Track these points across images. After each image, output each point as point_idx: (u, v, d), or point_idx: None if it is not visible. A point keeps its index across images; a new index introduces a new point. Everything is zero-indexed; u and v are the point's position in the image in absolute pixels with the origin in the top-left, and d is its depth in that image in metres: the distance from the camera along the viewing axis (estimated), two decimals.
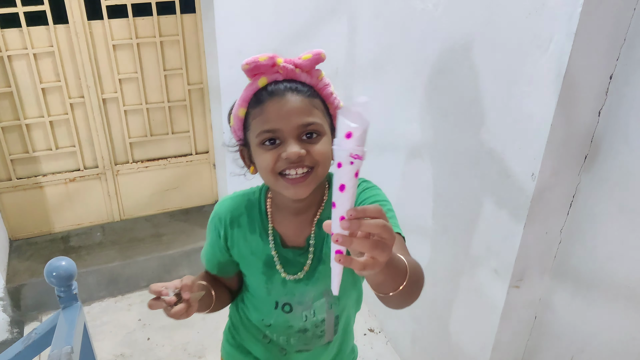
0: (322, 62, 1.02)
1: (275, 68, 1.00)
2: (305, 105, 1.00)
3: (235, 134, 1.09)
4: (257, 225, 1.16)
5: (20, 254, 2.82)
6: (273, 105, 0.99)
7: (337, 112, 0.90)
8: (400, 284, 0.86)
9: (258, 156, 1.02)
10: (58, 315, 1.38)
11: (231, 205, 1.17)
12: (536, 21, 1.25)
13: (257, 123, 1.01)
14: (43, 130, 2.73)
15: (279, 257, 1.14)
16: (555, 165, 1.30)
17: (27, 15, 2.47)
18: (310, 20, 2.39)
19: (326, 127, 1.03)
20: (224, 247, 1.18)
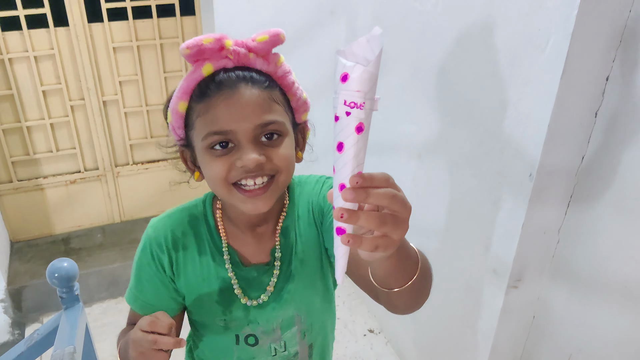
0: (280, 44, 0.84)
1: (223, 52, 0.81)
2: (262, 100, 0.82)
3: (174, 132, 0.90)
4: (206, 245, 0.96)
5: (21, 255, 2.82)
6: (222, 100, 0.80)
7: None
8: (411, 277, 0.74)
9: (205, 163, 0.85)
10: (60, 316, 1.39)
11: (170, 223, 0.97)
12: (533, 22, 1.26)
13: (202, 122, 0.82)
14: (44, 132, 2.74)
15: (238, 278, 0.96)
16: (553, 166, 1.31)
17: (28, 18, 2.48)
18: (309, 23, 2.40)
19: (288, 126, 0.86)
20: (169, 279, 0.96)
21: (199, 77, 0.83)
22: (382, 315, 2.50)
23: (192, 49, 0.79)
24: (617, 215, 1.25)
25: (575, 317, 1.42)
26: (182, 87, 0.84)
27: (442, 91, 1.66)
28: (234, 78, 0.81)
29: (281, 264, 0.97)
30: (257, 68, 0.84)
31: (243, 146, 0.81)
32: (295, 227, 0.98)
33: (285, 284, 0.97)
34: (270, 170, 0.83)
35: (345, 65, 0.55)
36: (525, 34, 1.28)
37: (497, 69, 1.40)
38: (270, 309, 0.97)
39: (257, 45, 0.82)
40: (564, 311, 1.45)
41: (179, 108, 0.86)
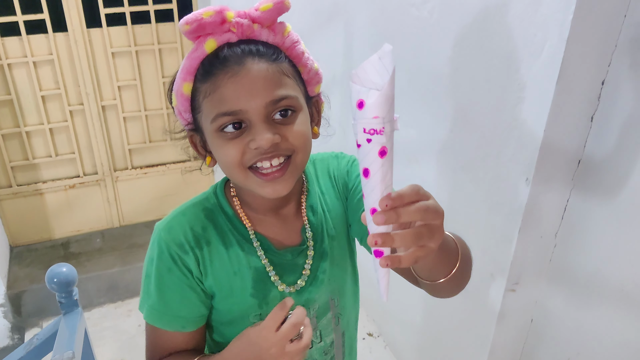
0: (286, 11, 0.78)
1: (225, 26, 0.75)
2: (272, 74, 0.76)
3: (181, 116, 0.84)
4: (230, 236, 0.89)
5: (21, 260, 2.83)
6: (229, 77, 0.74)
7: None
8: (453, 267, 0.74)
9: (217, 147, 0.79)
10: (59, 321, 1.40)
11: (186, 221, 0.88)
12: (529, 28, 1.26)
13: (210, 103, 0.77)
14: (43, 137, 2.75)
15: (273, 265, 0.89)
16: (549, 170, 1.32)
17: (27, 23, 2.49)
18: (307, 28, 2.41)
19: (301, 100, 0.81)
20: (197, 281, 0.87)
21: (202, 55, 0.77)
22: (381, 319, 2.50)
23: (192, 24, 0.73)
24: (614, 219, 1.26)
25: (573, 320, 1.42)
26: (185, 67, 0.78)
27: (439, 96, 1.67)
28: (239, 53, 0.75)
29: (315, 243, 0.92)
30: (263, 40, 0.78)
31: (255, 126, 0.75)
32: (322, 203, 0.94)
33: (320, 263, 0.92)
34: (286, 149, 0.78)
35: (359, 92, 0.53)
36: (521, 40, 1.29)
37: (493, 74, 1.40)
38: (307, 294, 0.92)
39: (261, 15, 0.76)
40: (562, 314, 1.46)
41: (184, 90, 0.80)
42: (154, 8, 2.65)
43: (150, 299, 0.88)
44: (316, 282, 0.92)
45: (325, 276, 0.93)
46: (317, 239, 0.93)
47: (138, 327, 2.61)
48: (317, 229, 0.93)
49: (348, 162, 0.98)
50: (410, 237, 0.56)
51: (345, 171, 0.96)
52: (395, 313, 2.28)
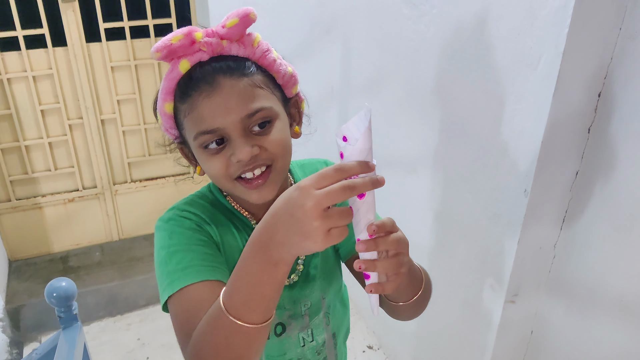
0: (253, 23, 0.80)
1: (195, 46, 0.78)
2: (244, 88, 0.79)
3: (169, 132, 0.88)
4: (236, 222, 0.93)
5: (20, 274, 2.82)
6: (204, 97, 0.77)
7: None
8: (416, 293, 0.81)
9: (203, 162, 0.84)
10: (59, 336, 1.40)
11: (193, 209, 0.91)
12: (525, 41, 1.27)
13: (190, 123, 0.80)
14: (42, 151, 2.75)
15: None
16: (547, 181, 1.32)
17: (27, 38, 2.50)
18: (305, 41, 2.43)
19: (277, 107, 0.83)
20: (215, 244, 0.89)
21: (177, 76, 0.80)
22: (381, 331, 2.50)
23: (162, 51, 0.76)
24: (612, 230, 1.26)
25: (572, 332, 1.42)
26: (164, 88, 0.82)
27: (436, 108, 1.68)
28: (210, 72, 0.78)
29: None
30: (233, 54, 0.81)
31: (235, 140, 0.79)
32: None
33: (312, 259, 0.96)
34: (266, 159, 0.81)
35: (339, 146, 0.63)
36: (518, 52, 1.30)
37: (490, 87, 1.41)
38: (298, 289, 0.95)
39: (228, 31, 0.79)
40: (562, 326, 1.46)
41: (166, 109, 0.84)
42: (153, 22, 2.67)
43: (176, 264, 0.83)
44: (309, 277, 0.96)
45: (317, 272, 0.97)
46: None
47: (137, 340, 2.60)
48: None
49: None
50: (391, 265, 0.66)
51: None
52: (395, 325, 2.28)
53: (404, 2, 1.74)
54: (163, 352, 2.52)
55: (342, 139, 0.64)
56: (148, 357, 2.50)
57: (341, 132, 0.64)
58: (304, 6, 2.32)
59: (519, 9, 1.27)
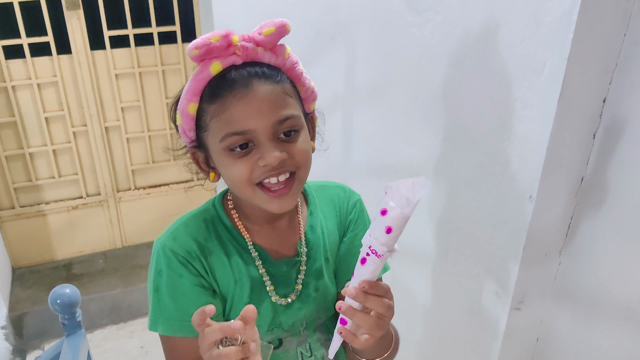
0: (287, 34, 0.83)
1: (231, 49, 0.79)
2: (277, 95, 0.80)
3: (185, 135, 0.87)
4: (230, 246, 0.91)
5: (23, 282, 2.82)
6: (238, 99, 0.78)
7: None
8: (381, 355, 0.86)
9: (225, 165, 0.83)
10: (62, 343, 1.39)
11: (188, 232, 0.90)
12: (530, 47, 1.27)
13: (218, 124, 0.80)
14: (46, 158, 2.76)
15: (269, 275, 0.92)
16: (553, 188, 1.32)
17: (31, 46, 2.52)
18: (309, 48, 2.43)
19: (302, 118, 0.85)
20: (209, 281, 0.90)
21: (208, 77, 0.80)
22: None
23: (201, 49, 0.76)
24: (618, 236, 1.25)
25: (578, 339, 1.41)
26: (191, 88, 0.81)
27: (441, 115, 1.68)
28: (245, 75, 0.79)
29: (308, 259, 0.96)
30: (266, 62, 0.83)
31: (263, 144, 0.79)
32: (322, 226, 0.99)
33: (313, 281, 0.96)
34: (291, 166, 0.82)
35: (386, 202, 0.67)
36: (522, 59, 1.30)
37: (494, 93, 1.41)
38: (295, 309, 0.95)
39: (264, 38, 0.80)
40: (568, 333, 1.45)
41: (189, 110, 0.83)
42: (157, 30, 2.68)
43: (166, 311, 0.87)
44: (307, 298, 0.96)
45: (316, 294, 0.97)
46: (312, 257, 0.97)
47: (140, 348, 2.59)
48: (313, 247, 0.97)
49: (356, 203, 1.04)
50: (369, 322, 0.71)
51: (352, 210, 1.03)
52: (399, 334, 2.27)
53: (408, 9, 1.74)
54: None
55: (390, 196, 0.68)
56: None
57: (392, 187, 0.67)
58: (308, 13, 2.32)
59: (524, 15, 1.28)
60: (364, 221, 1.03)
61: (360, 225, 1.02)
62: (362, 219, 1.03)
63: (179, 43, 2.74)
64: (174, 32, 2.72)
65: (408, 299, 2.01)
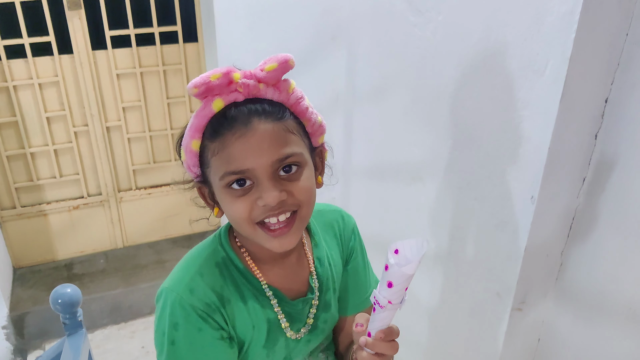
0: (290, 69, 0.80)
1: (232, 86, 0.78)
2: (278, 132, 0.78)
3: (190, 170, 0.87)
4: (246, 290, 0.89)
5: (24, 282, 2.82)
6: (237, 138, 0.77)
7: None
8: None
9: (226, 203, 0.82)
10: (63, 342, 1.39)
11: (205, 282, 0.87)
12: (532, 46, 1.27)
13: (218, 162, 0.79)
14: (47, 158, 2.76)
15: (284, 313, 0.92)
16: (554, 188, 1.32)
17: (33, 46, 2.51)
18: (310, 48, 2.43)
19: (306, 155, 0.83)
20: (229, 332, 0.88)
21: (210, 114, 0.79)
22: None
23: (200, 88, 0.75)
24: (620, 237, 1.25)
25: (580, 340, 1.41)
26: (194, 125, 0.81)
27: (443, 115, 1.68)
28: (246, 113, 0.77)
29: (320, 293, 0.96)
30: (268, 98, 0.81)
31: (262, 183, 0.78)
32: (328, 255, 0.99)
33: (322, 314, 0.97)
34: (292, 205, 0.81)
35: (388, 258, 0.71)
36: (524, 58, 1.30)
37: (496, 93, 1.41)
38: (305, 342, 0.96)
39: (266, 75, 0.79)
40: (569, 334, 1.45)
41: (193, 147, 0.82)
42: (158, 30, 2.68)
43: None
44: (317, 330, 0.97)
45: (325, 325, 0.98)
46: (322, 290, 0.97)
47: (141, 348, 2.59)
48: (323, 280, 0.97)
49: (354, 228, 1.05)
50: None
51: (351, 236, 1.04)
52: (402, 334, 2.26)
53: (410, 9, 1.74)
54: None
55: (394, 251, 0.71)
56: None
57: (395, 246, 0.71)
58: (309, 13, 2.33)
59: (526, 15, 1.27)
60: (361, 246, 1.05)
61: (359, 250, 1.05)
62: (359, 244, 1.05)
63: (180, 43, 2.74)
64: (175, 32, 2.72)
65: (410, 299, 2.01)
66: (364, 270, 1.05)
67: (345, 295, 1.03)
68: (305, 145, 0.84)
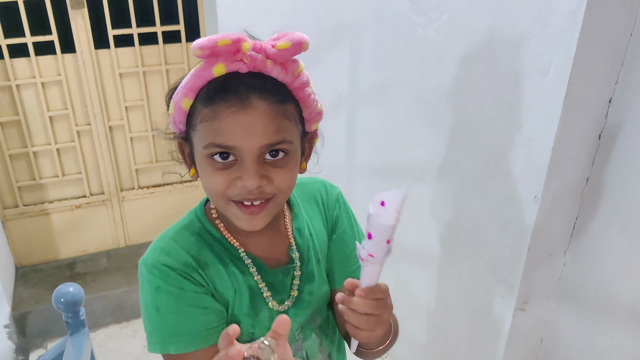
0: (303, 52, 0.77)
1: (238, 55, 0.73)
2: (275, 116, 0.75)
3: (175, 126, 0.83)
4: (224, 256, 0.88)
5: (26, 281, 2.82)
6: (231, 112, 0.73)
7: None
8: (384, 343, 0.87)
9: (205, 173, 0.79)
10: (66, 341, 1.39)
11: (180, 246, 0.86)
12: (536, 46, 1.27)
13: (206, 129, 0.76)
14: (50, 157, 2.76)
15: (265, 282, 0.90)
16: (558, 188, 1.32)
17: (36, 45, 2.51)
18: (314, 48, 2.41)
19: (297, 143, 0.80)
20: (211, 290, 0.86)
21: (209, 76, 0.75)
22: None
23: (205, 51, 0.71)
24: (623, 236, 1.25)
25: (583, 340, 1.41)
26: (189, 83, 0.76)
27: (446, 115, 1.68)
28: (246, 87, 0.73)
29: (301, 264, 0.93)
30: (272, 76, 0.77)
31: (246, 164, 0.75)
32: (309, 227, 0.97)
33: (306, 284, 0.94)
34: (270, 193, 0.78)
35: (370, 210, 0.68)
36: (527, 58, 1.30)
37: (500, 93, 1.41)
38: (292, 315, 0.91)
39: (276, 52, 0.75)
40: (572, 334, 1.45)
41: (183, 105, 0.78)
42: (161, 29, 2.68)
43: (173, 328, 0.83)
44: (302, 303, 0.93)
45: (310, 297, 0.94)
46: (304, 261, 0.94)
47: (143, 347, 2.59)
48: (304, 250, 0.94)
49: (338, 197, 1.01)
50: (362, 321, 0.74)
51: (335, 205, 1.00)
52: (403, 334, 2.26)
53: (413, 9, 1.74)
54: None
55: (381, 203, 0.68)
56: None
57: (380, 197, 0.68)
58: (312, 13, 2.33)
59: (529, 15, 1.27)
60: (348, 214, 1.00)
61: (345, 218, 0.99)
62: (345, 212, 1.00)
63: (183, 42, 2.74)
64: (178, 31, 2.71)
65: (412, 299, 2.01)
66: (352, 240, 0.99)
67: (331, 267, 0.99)
68: (298, 131, 0.82)
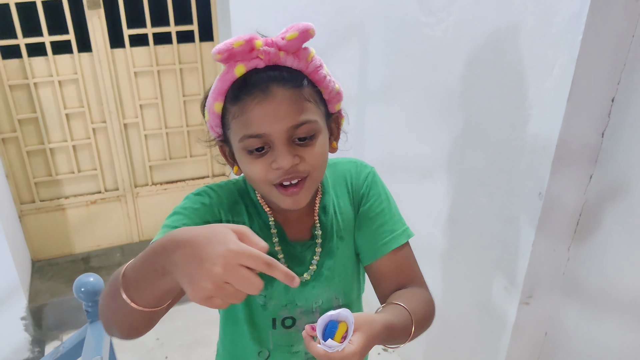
0: (310, 38, 0.84)
1: (254, 53, 0.82)
2: (295, 100, 0.83)
3: (213, 130, 0.92)
4: (254, 217, 0.97)
5: (42, 274, 2.88)
6: (256, 103, 0.81)
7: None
8: (407, 336, 0.88)
9: (244, 164, 0.88)
10: (86, 329, 1.44)
11: (223, 193, 0.96)
12: (540, 47, 1.30)
13: (237, 125, 0.84)
14: (66, 154, 2.81)
15: (284, 253, 0.96)
16: (562, 185, 1.34)
17: (53, 44, 2.57)
18: (323, 48, 2.44)
19: (321, 122, 0.88)
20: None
21: (232, 78, 0.83)
22: None
23: (224, 54, 0.80)
24: (626, 232, 1.27)
25: (587, 334, 1.43)
26: (217, 88, 0.86)
27: (453, 113, 1.71)
28: (265, 79, 0.82)
29: (322, 240, 0.98)
30: (287, 65, 0.85)
31: (277, 148, 0.83)
32: (334, 205, 1.01)
33: (326, 260, 0.98)
34: (304, 171, 0.85)
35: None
36: (533, 58, 1.33)
37: (506, 92, 1.44)
38: (310, 288, 0.97)
39: (287, 43, 0.82)
40: (576, 328, 1.47)
41: (215, 108, 0.87)
42: (175, 29, 2.73)
43: (175, 222, 0.92)
44: (320, 278, 0.98)
45: (329, 272, 0.98)
46: (326, 237, 0.98)
47: (156, 340, 2.64)
48: (327, 228, 0.99)
49: (367, 176, 1.03)
50: None
51: (363, 184, 1.02)
52: None
53: (422, 10, 1.77)
54: (181, 352, 2.56)
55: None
56: (167, 356, 2.54)
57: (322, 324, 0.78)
58: (322, 14, 2.36)
59: (534, 16, 1.30)
60: (377, 191, 1.02)
61: (372, 196, 1.01)
62: (375, 189, 1.02)
63: (197, 42, 2.78)
64: (192, 31, 2.76)
65: None
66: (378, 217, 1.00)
67: (360, 244, 1.02)
68: (321, 112, 0.89)
